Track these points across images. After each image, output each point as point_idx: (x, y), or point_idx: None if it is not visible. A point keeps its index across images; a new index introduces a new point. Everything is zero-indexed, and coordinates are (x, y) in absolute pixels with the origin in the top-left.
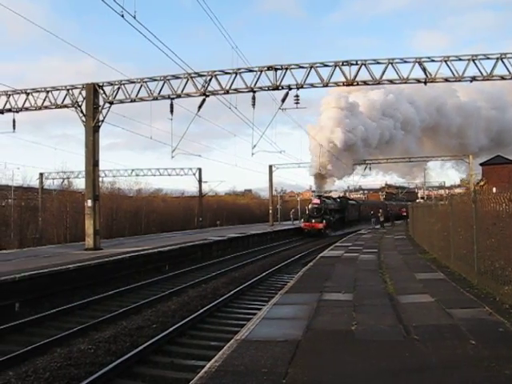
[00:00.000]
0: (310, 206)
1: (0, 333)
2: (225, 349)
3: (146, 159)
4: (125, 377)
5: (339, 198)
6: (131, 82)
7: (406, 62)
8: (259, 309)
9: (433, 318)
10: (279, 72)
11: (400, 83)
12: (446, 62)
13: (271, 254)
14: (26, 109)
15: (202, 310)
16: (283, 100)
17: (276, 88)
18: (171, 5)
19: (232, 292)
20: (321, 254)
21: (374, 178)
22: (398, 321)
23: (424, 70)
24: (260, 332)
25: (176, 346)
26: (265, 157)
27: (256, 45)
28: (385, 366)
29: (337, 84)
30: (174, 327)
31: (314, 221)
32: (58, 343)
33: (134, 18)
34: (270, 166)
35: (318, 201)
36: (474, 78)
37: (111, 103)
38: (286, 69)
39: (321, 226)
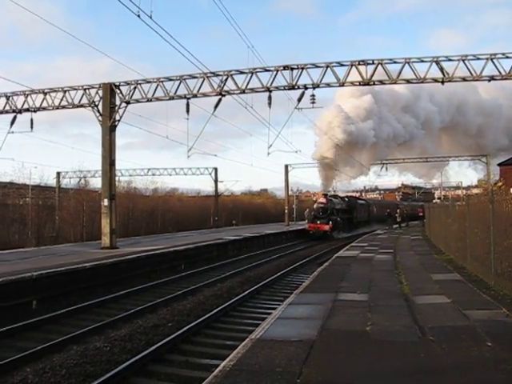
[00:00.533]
0: (315, 206)
1: (17, 330)
2: (239, 348)
3: (162, 159)
4: (140, 375)
5: (347, 197)
6: (148, 81)
7: (422, 61)
8: (274, 308)
9: (449, 319)
10: (295, 71)
11: (417, 83)
12: (463, 61)
13: (287, 253)
14: (44, 108)
15: (217, 310)
16: (299, 99)
17: (292, 87)
18: (187, 4)
19: (247, 291)
20: (336, 254)
21: (390, 178)
22: (414, 322)
23: (441, 69)
24: (275, 331)
25: (191, 345)
26: (281, 156)
27: (271, 44)
28: (400, 367)
29: (353, 84)
30: (189, 326)
31: (319, 222)
32: (75, 341)
33: (151, 17)
34: (286, 166)
35: (324, 200)
36: (492, 78)
37: (128, 103)
38: (302, 68)
39: (327, 227)
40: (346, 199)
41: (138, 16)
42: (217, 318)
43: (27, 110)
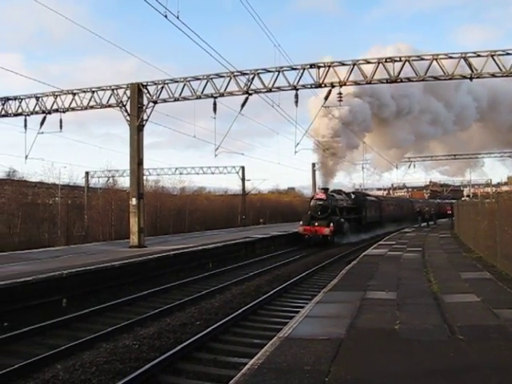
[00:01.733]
0: (311, 203)
1: (48, 327)
2: (267, 346)
3: (189, 158)
4: (169, 373)
5: (354, 193)
6: (175, 81)
7: (450, 57)
8: (302, 307)
9: (478, 318)
10: (322, 69)
11: (444, 79)
12: (492, 56)
13: (314, 251)
14: (73, 109)
15: (244, 308)
16: (326, 98)
17: (319, 86)
18: (212, 4)
19: (275, 290)
20: (364, 253)
21: (418, 176)
22: (443, 320)
23: (469, 65)
24: (303, 330)
25: (219, 343)
26: (308, 154)
27: (297, 42)
28: (428, 366)
29: (380, 81)
30: (217, 324)
31: (317, 223)
32: (104, 338)
33: (178, 18)
34: (313, 164)
35: (322, 195)
36: None
37: (155, 102)
38: (329, 66)
39: (327, 230)
40: (353, 195)
41: (165, 16)
42: (245, 317)
43: (56, 110)
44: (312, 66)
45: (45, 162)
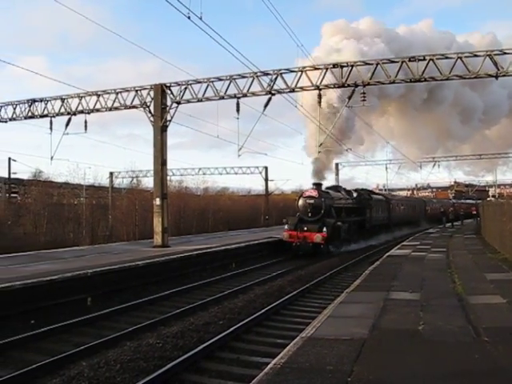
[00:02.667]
0: (299, 202)
1: (74, 325)
2: (290, 346)
3: (212, 158)
4: (192, 371)
5: (357, 190)
6: (198, 81)
7: (476, 55)
8: (325, 307)
9: (504, 319)
10: (345, 69)
11: (469, 78)
12: None
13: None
14: (97, 110)
15: (267, 308)
16: (349, 98)
17: (342, 85)
18: (234, 4)
19: (298, 290)
20: (388, 253)
21: (443, 176)
22: (467, 322)
23: (495, 63)
24: (325, 330)
25: (242, 343)
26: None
27: (317, 42)
28: (452, 368)
29: (404, 80)
30: (240, 324)
31: (306, 228)
32: (128, 337)
33: (201, 19)
34: (337, 164)
35: (314, 192)
36: None
37: (178, 103)
38: (352, 66)
39: (318, 237)
40: (355, 193)
41: (189, 17)
42: (267, 317)
43: (81, 111)
44: (335, 65)
45: (70, 162)
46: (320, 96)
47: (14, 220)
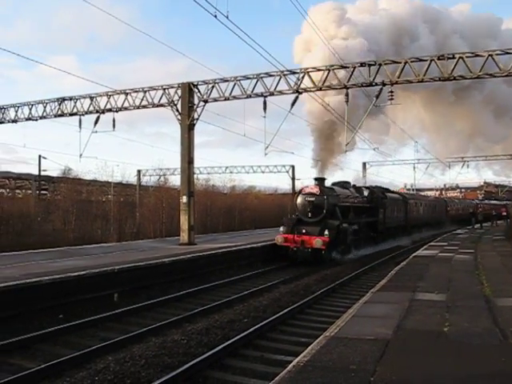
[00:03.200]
0: (298, 200)
1: (100, 320)
2: (313, 344)
3: (239, 156)
4: (216, 368)
5: (369, 187)
6: (225, 80)
7: (507, 53)
8: (349, 307)
9: None
10: (373, 68)
11: (500, 76)
12: None
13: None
14: (125, 108)
15: (292, 307)
16: (377, 96)
17: (370, 84)
18: (260, 2)
19: (323, 289)
20: (414, 254)
21: (472, 176)
22: (494, 324)
23: None
24: (349, 329)
25: (266, 341)
26: (359, 154)
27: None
28: (478, 370)
29: (433, 79)
30: (264, 322)
31: (305, 230)
32: (153, 333)
33: (227, 17)
34: (364, 164)
35: (315, 189)
36: None
37: (206, 102)
38: (380, 64)
39: (318, 242)
40: (366, 190)
41: (215, 16)
42: (292, 315)
43: (110, 110)
44: (362, 64)
45: (98, 160)
46: (347, 95)
47: (44, 216)
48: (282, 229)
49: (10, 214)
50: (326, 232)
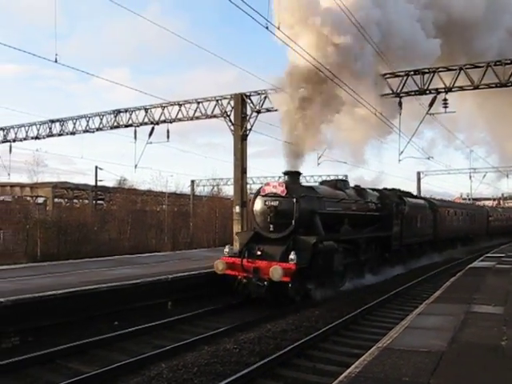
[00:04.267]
0: (256, 206)
1: (154, 328)
2: (366, 355)
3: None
4: (267, 377)
5: (379, 190)
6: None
7: None
8: (402, 318)
9: None
10: (426, 76)
11: None
12: None
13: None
14: (179, 119)
15: (346, 317)
16: (431, 104)
17: (423, 92)
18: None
19: (377, 300)
20: (470, 265)
21: None
22: None
23: None
24: (402, 341)
25: (318, 351)
26: (412, 163)
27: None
28: None
29: (489, 86)
30: (317, 333)
31: (260, 252)
32: (206, 341)
33: (278, 28)
34: (418, 173)
35: (279, 187)
36: None
37: (258, 112)
38: (434, 72)
39: (277, 271)
40: (375, 193)
41: (267, 28)
42: (345, 326)
43: (164, 121)
44: (416, 72)
45: (153, 170)
46: (401, 104)
47: (100, 226)
48: (226, 249)
49: (68, 224)
50: (293, 255)
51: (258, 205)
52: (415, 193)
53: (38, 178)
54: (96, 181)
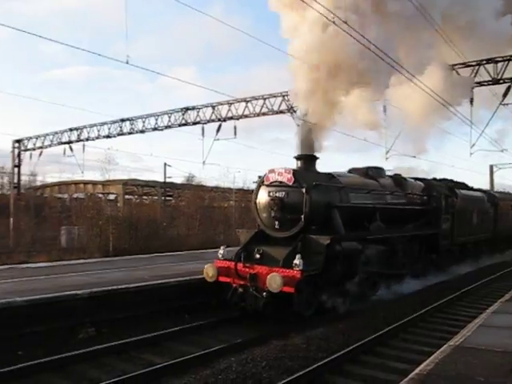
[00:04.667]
0: (259, 198)
1: (222, 322)
2: (437, 353)
3: (357, 161)
4: (335, 373)
5: (422, 179)
6: None
7: None
8: (475, 316)
9: None
10: (500, 64)
11: None
12: None
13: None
14: (246, 116)
15: (414, 315)
16: (504, 94)
17: (496, 82)
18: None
19: (447, 298)
20: None
21: None
22: None
23: None
24: (476, 339)
25: (387, 348)
26: (485, 156)
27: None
28: None
29: None
30: (385, 330)
31: (259, 255)
32: (275, 336)
33: (345, 22)
34: (491, 166)
35: (286, 174)
36: None
37: None
38: (509, 60)
39: (276, 280)
40: (421, 184)
41: (333, 22)
42: (414, 323)
43: (231, 118)
44: (488, 60)
45: (220, 167)
46: (472, 99)
47: (169, 222)
48: (221, 251)
49: (139, 220)
50: (297, 260)
51: (262, 196)
52: (486, 187)
53: (110, 175)
54: (165, 177)
